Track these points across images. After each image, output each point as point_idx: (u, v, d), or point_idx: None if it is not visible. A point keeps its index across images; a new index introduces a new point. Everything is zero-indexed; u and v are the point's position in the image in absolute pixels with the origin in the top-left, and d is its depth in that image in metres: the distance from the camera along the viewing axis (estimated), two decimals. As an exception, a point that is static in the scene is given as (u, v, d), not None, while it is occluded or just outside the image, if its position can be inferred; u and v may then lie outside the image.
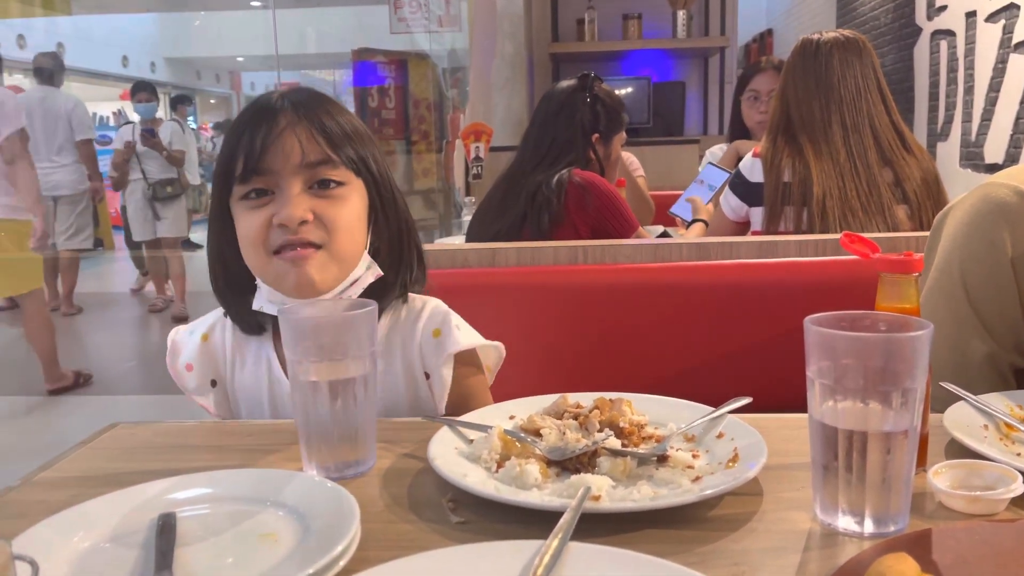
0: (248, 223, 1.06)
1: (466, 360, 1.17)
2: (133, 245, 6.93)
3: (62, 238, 5.83)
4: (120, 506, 0.77)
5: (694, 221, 2.60)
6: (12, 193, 3.99)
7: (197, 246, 7.83)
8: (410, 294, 1.19)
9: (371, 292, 1.11)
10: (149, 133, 6.25)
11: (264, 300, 1.10)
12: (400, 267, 1.15)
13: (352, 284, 1.09)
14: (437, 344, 1.14)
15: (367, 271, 1.11)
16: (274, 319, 1.13)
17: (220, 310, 1.19)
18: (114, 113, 15.66)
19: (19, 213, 4.04)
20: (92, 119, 6.14)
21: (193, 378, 1.17)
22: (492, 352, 1.20)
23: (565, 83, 2.41)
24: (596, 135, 2.35)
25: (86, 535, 0.73)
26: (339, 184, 1.07)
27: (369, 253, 1.12)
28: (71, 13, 13.98)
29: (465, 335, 1.14)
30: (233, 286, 1.14)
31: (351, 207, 1.08)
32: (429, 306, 1.18)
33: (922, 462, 0.82)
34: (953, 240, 1.19)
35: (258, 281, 1.10)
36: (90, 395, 4.46)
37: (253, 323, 1.15)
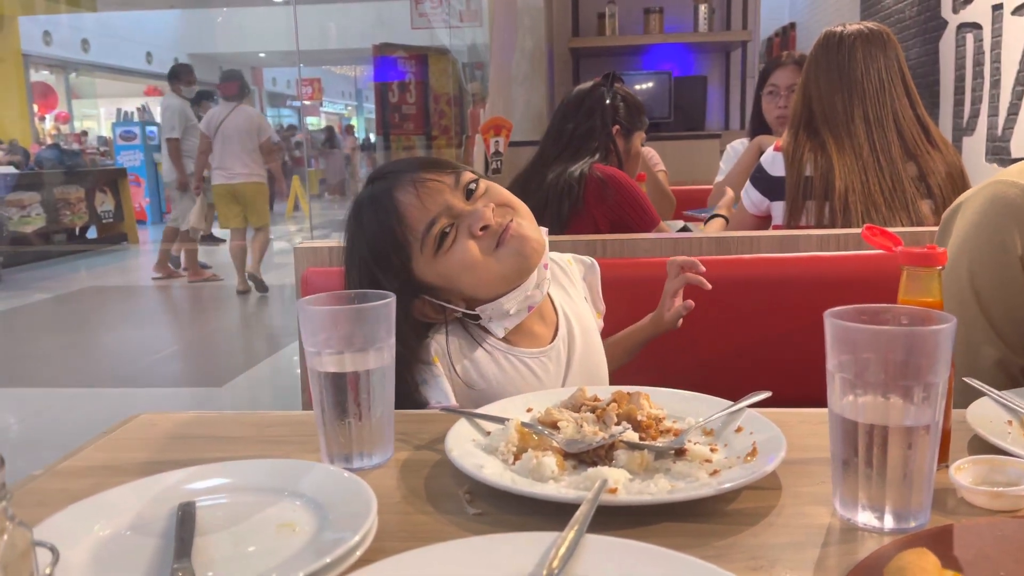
0: (460, 253, 1.12)
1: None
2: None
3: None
4: (141, 495, 0.78)
5: (713, 216, 2.58)
6: (263, 168, 6.78)
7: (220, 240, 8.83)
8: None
9: None
10: None
11: (498, 325, 1.17)
12: None
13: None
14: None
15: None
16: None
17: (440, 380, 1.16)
18: (138, 109, 15.82)
19: (263, 179, 6.83)
20: (174, 120, 7.10)
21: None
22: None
23: (588, 82, 2.43)
24: (616, 127, 2.35)
25: (107, 523, 0.73)
26: (474, 181, 1.16)
27: None
28: (96, 10, 14.13)
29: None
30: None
31: (494, 184, 1.20)
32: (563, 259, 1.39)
33: (944, 458, 0.81)
34: (962, 242, 1.16)
35: (481, 311, 1.16)
36: (138, 387, 4.52)
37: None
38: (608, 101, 2.35)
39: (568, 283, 1.34)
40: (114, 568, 0.67)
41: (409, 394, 1.12)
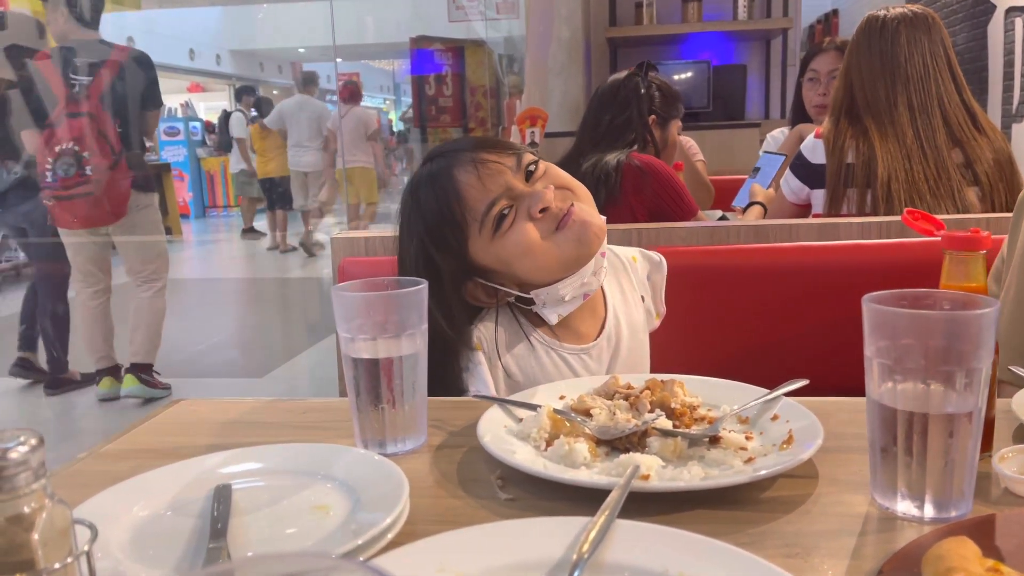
0: (518, 235, 1.11)
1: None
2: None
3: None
4: (179, 477, 0.79)
5: (751, 204, 2.55)
6: (370, 155, 8.41)
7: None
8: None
9: None
10: None
11: (552, 311, 1.16)
12: None
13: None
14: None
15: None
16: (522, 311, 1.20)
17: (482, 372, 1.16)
18: (182, 105, 16.07)
19: (371, 164, 8.43)
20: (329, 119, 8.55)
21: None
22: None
23: (621, 72, 2.42)
24: (653, 116, 2.33)
25: (146, 504, 0.75)
26: (534, 162, 1.15)
27: None
28: (140, 7, 14.35)
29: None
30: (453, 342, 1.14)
31: (552, 166, 1.18)
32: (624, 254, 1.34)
33: (987, 447, 0.79)
34: None
35: (535, 295, 1.15)
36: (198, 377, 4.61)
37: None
38: (643, 90, 2.34)
39: (626, 280, 1.30)
40: (152, 546, 0.69)
41: (453, 381, 1.12)
